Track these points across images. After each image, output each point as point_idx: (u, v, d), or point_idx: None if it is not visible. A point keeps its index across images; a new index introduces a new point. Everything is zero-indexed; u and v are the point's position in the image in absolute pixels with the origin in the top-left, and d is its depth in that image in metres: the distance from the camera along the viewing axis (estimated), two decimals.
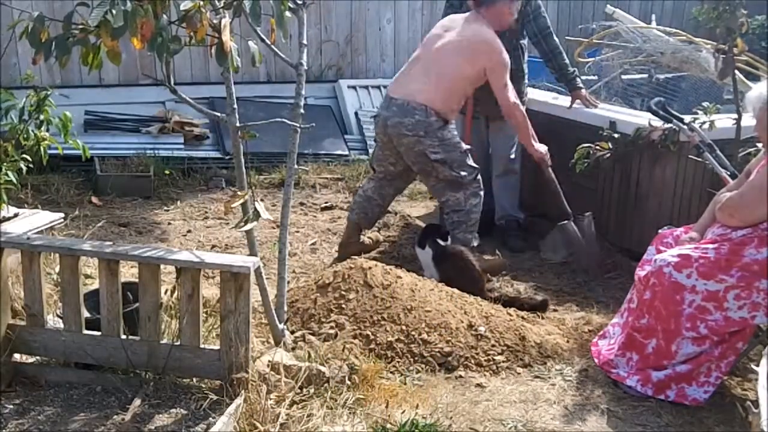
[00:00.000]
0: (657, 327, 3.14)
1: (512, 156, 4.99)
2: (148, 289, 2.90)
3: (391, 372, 3.29)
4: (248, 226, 2.80)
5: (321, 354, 3.10)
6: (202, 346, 2.92)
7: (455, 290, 3.80)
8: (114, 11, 2.24)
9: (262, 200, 5.73)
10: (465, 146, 4.45)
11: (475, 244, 4.51)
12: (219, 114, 2.95)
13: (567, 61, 4.99)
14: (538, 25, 4.86)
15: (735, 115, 4.03)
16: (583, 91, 4.96)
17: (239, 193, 2.77)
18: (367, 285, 3.61)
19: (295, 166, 3.17)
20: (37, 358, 3.12)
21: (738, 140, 3.98)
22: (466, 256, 4.17)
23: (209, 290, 3.71)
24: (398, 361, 3.36)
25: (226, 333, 2.84)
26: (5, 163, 3.28)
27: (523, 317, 3.77)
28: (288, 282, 3.45)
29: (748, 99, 3.20)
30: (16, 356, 3.07)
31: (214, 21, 2.50)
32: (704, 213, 3.41)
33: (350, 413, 2.83)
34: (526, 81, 5.04)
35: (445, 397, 3.14)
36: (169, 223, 5.31)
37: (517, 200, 5.14)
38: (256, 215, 2.78)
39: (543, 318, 3.91)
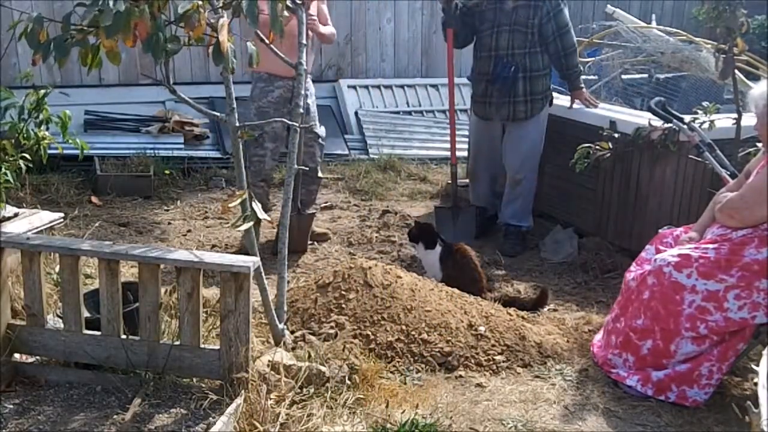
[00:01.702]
0: (654, 327, 3.14)
1: (521, 166, 4.88)
2: (148, 289, 2.90)
3: (391, 372, 3.29)
4: (245, 226, 2.81)
5: (321, 354, 3.09)
6: (202, 345, 2.92)
7: (455, 290, 3.80)
8: (104, 11, 2.24)
9: None
10: (258, 133, 4.49)
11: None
12: (219, 114, 2.95)
13: (577, 62, 4.84)
14: (557, 23, 4.66)
15: (735, 115, 4.03)
16: (585, 90, 4.91)
17: (237, 192, 2.78)
18: (367, 285, 3.61)
19: (295, 166, 3.18)
20: (37, 358, 3.12)
21: (738, 140, 3.98)
22: (469, 254, 4.18)
23: (209, 290, 3.72)
24: (398, 361, 3.36)
25: (226, 333, 2.84)
26: (5, 163, 3.28)
27: (523, 317, 3.77)
28: (288, 282, 3.45)
29: (751, 96, 3.20)
30: (16, 356, 3.07)
31: (212, 21, 2.51)
32: (704, 213, 3.41)
33: (350, 413, 2.83)
34: (548, 81, 4.88)
35: (445, 397, 3.14)
36: (169, 223, 5.31)
37: (526, 209, 5.00)
38: (254, 216, 2.78)
39: (543, 318, 3.91)
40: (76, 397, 2.92)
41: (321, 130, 4.77)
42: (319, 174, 4.84)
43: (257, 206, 2.80)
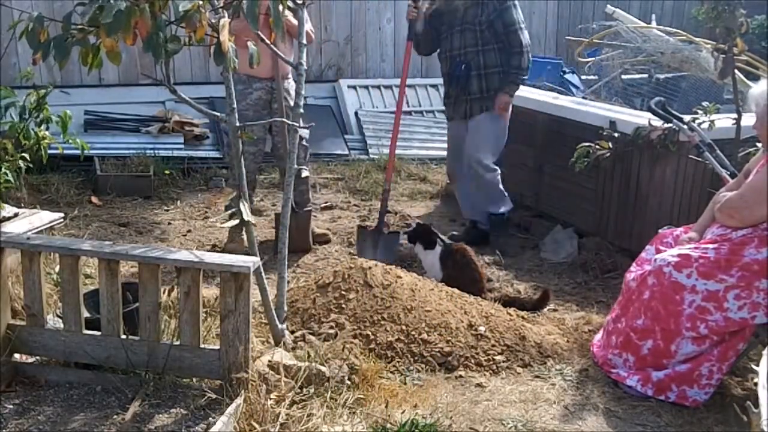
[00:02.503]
0: (654, 327, 3.14)
1: (476, 154, 4.78)
2: (148, 289, 2.90)
3: (391, 372, 3.29)
4: (230, 223, 2.84)
5: (321, 354, 3.09)
6: (201, 345, 2.92)
7: (455, 290, 3.80)
8: (105, 8, 2.24)
9: (261, 200, 5.77)
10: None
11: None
12: (219, 114, 2.95)
13: (520, 63, 4.67)
14: (504, 21, 4.62)
15: (735, 115, 4.03)
16: (506, 97, 4.74)
17: (227, 190, 2.80)
18: (367, 285, 3.61)
19: (295, 166, 3.18)
20: (37, 358, 3.11)
21: (738, 140, 3.98)
22: (469, 254, 4.17)
23: (209, 290, 3.72)
24: (398, 361, 3.36)
25: (226, 333, 2.84)
26: (5, 163, 3.28)
27: (523, 317, 3.77)
28: (288, 282, 3.45)
29: (751, 96, 3.20)
30: (16, 356, 3.07)
31: (213, 21, 2.51)
32: (704, 213, 3.41)
33: (350, 413, 2.83)
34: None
35: (445, 397, 3.14)
36: (169, 223, 5.31)
37: (496, 196, 4.87)
38: (239, 214, 2.80)
39: (543, 318, 3.91)
40: (76, 397, 2.92)
41: (304, 132, 4.73)
42: (303, 174, 4.79)
43: (245, 206, 2.81)
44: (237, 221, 2.84)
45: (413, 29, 4.83)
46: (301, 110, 3.14)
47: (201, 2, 2.39)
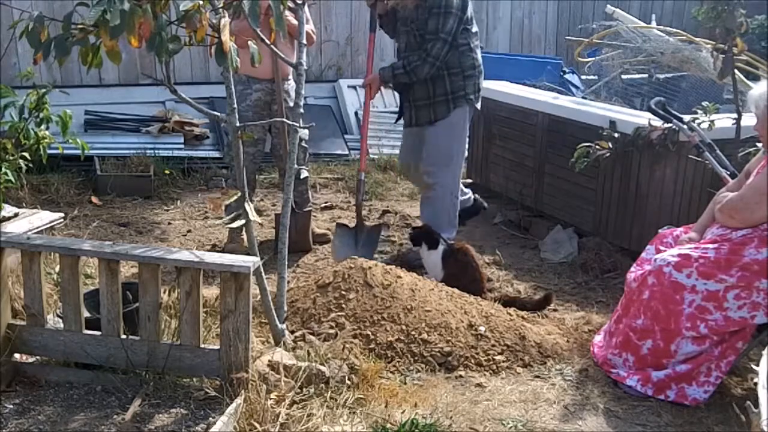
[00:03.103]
0: (654, 327, 3.14)
1: (428, 169, 4.55)
2: (148, 289, 2.90)
3: (391, 372, 3.29)
4: (236, 224, 2.84)
5: (321, 354, 3.10)
6: (201, 345, 2.92)
7: (455, 290, 3.80)
8: (111, 10, 2.24)
9: (261, 200, 5.78)
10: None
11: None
12: (219, 114, 2.95)
13: (411, 63, 4.33)
14: (428, 26, 4.27)
15: (735, 115, 4.03)
16: (375, 77, 4.59)
17: (229, 191, 2.81)
18: (367, 285, 3.61)
19: (295, 166, 3.18)
20: (37, 358, 3.12)
21: (738, 140, 3.98)
22: (470, 253, 4.17)
23: (209, 290, 3.72)
24: (398, 361, 3.36)
25: (226, 333, 2.84)
26: (5, 162, 3.28)
27: (523, 317, 3.77)
28: (288, 282, 3.45)
29: (751, 97, 3.20)
30: (16, 356, 3.07)
31: (213, 21, 2.51)
32: (704, 213, 3.42)
33: (350, 413, 2.83)
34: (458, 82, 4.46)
35: (445, 396, 3.14)
36: (169, 223, 5.31)
37: (441, 218, 4.55)
38: (245, 215, 2.80)
39: (543, 318, 3.91)
40: (76, 397, 2.92)
41: (304, 133, 4.66)
42: (302, 175, 4.75)
43: (249, 206, 2.81)
44: (243, 222, 2.85)
45: (374, 18, 4.56)
46: (301, 110, 3.14)
47: (201, 2, 2.39)
